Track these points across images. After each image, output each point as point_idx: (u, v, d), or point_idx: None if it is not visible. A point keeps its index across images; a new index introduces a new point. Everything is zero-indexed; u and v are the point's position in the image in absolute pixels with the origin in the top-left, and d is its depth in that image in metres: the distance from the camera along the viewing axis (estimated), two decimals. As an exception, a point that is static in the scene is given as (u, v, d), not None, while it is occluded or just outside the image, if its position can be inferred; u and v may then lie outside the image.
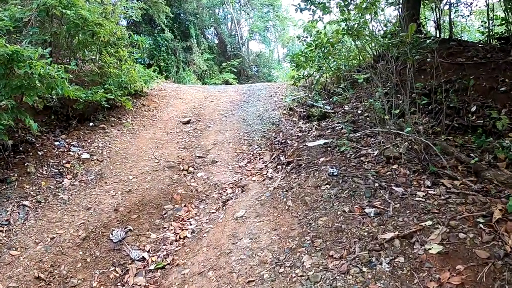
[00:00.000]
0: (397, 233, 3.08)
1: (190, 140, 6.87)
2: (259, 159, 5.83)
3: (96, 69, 7.72)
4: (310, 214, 3.68)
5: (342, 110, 7.50)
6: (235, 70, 19.74)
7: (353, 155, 4.78)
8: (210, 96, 10.54)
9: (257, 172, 5.36)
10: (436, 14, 8.46)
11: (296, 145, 5.71)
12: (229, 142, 6.49)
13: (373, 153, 4.69)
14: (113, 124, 7.44)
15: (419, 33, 6.99)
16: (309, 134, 6.23)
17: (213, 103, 9.64)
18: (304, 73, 9.89)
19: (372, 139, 5.52)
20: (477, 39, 8.94)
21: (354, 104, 7.64)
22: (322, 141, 5.46)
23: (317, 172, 4.35)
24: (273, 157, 5.71)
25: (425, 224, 3.11)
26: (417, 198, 3.53)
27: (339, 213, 3.57)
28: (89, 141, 6.63)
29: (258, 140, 6.45)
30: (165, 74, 15.02)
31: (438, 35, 8.46)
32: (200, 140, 6.81)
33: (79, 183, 5.47)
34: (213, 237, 3.93)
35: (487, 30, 7.52)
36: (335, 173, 4.17)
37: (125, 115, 7.99)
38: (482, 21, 8.76)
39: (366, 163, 4.48)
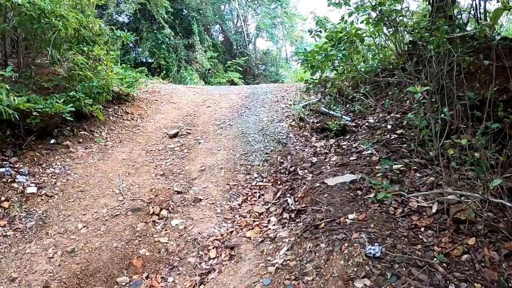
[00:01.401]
0: None
1: (172, 162, 5.14)
2: (259, 197, 4.08)
3: (63, 72, 6.03)
4: None
5: (366, 123, 5.68)
6: (241, 69, 17.90)
7: (399, 210, 2.99)
8: (209, 100, 8.78)
9: (254, 221, 3.61)
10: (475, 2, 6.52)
11: (310, 179, 3.93)
12: (221, 168, 4.73)
13: (431, 209, 2.89)
14: (81, 140, 5.74)
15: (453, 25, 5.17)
16: (327, 160, 4.45)
17: (210, 108, 7.89)
18: (320, 75, 8.06)
19: (418, 174, 3.73)
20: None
21: (381, 115, 5.81)
22: (347, 178, 3.67)
23: (346, 245, 2.58)
24: (277, 195, 3.95)
25: None
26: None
27: None
28: (44, 165, 4.95)
29: (258, 165, 4.68)
30: (162, 74, 13.29)
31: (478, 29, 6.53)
32: (185, 163, 5.06)
33: (13, 233, 3.79)
34: None
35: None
36: (376, 254, 2.39)
37: (100, 127, 6.28)
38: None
39: (422, 229, 2.69)
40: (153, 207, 3.99)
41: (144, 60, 16.09)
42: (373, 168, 3.95)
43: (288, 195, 3.83)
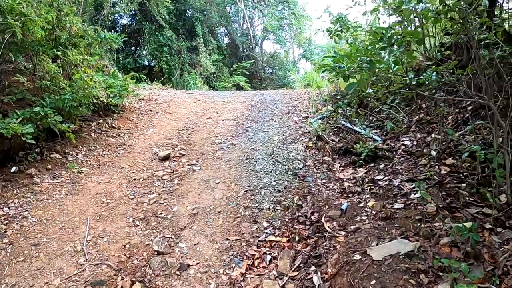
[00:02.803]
0: None
1: (158, 199, 3.88)
2: (270, 262, 2.81)
3: (28, 82, 4.80)
4: None
5: (403, 147, 4.37)
6: (247, 73, 16.60)
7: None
8: (210, 109, 7.54)
9: (264, 311, 2.34)
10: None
11: (342, 241, 2.65)
12: (219, 212, 3.46)
13: None
14: (50, 166, 4.52)
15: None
16: (362, 206, 3.16)
17: (211, 121, 6.63)
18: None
19: (495, 237, 2.44)
20: None
21: (419, 136, 4.50)
22: (399, 246, 2.38)
23: None
24: (296, 263, 2.68)
25: None
26: None
27: None
28: (-6, 203, 3.74)
29: (268, 209, 3.40)
30: (163, 78, 12.07)
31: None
32: (174, 201, 3.80)
33: None
34: None
35: None
36: None
37: (77, 148, 5.05)
38: None
39: None
40: (122, 279, 2.73)
41: (146, 64, 14.89)
42: (432, 226, 2.66)
43: (313, 267, 2.55)
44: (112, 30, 14.37)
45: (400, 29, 2.75)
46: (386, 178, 3.65)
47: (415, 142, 4.49)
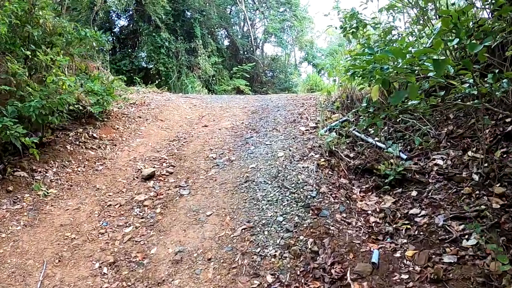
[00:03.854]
0: None
1: (134, 235, 3.03)
2: None
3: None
4: None
5: (436, 167, 3.53)
6: (248, 76, 15.74)
7: None
8: (207, 116, 6.71)
9: None
10: None
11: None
12: (209, 258, 2.60)
13: None
14: (11, 188, 3.69)
15: None
16: (398, 256, 2.32)
17: (206, 129, 5.80)
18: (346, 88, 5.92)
19: None
20: None
21: (453, 155, 3.67)
22: None
23: None
24: None
25: None
26: None
27: None
28: None
29: (274, 257, 2.55)
30: (159, 81, 11.23)
31: None
32: (153, 239, 2.95)
33: None
34: None
35: None
36: None
37: (47, 163, 4.22)
38: None
39: None
40: None
41: (143, 66, 14.02)
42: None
43: None
44: (110, 31, 13.62)
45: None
46: (423, 212, 2.81)
47: (449, 162, 3.65)
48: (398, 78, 1.93)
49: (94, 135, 5.12)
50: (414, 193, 3.19)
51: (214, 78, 14.52)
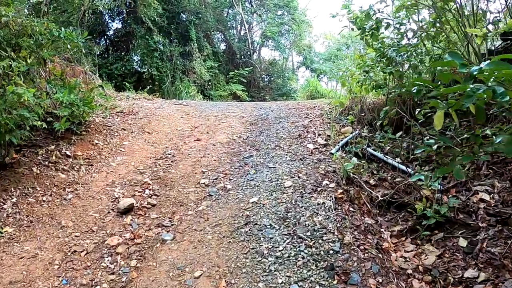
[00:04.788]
0: None
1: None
2: None
3: None
4: None
5: (482, 204, 2.79)
6: (245, 81, 14.97)
7: None
8: (200, 127, 5.94)
9: None
10: None
11: None
12: None
13: None
14: None
15: None
16: None
17: (199, 144, 5.02)
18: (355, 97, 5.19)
19: None
20: None
21: (500, 186, 2.93)
22: None
23: None
24: None
25: None
26: None
27: None
28: None
29: None
30: (152, 86, 10.43)
31: None
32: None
33: None
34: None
35: None
36: None
37: (6, 191, 3.40)
38: None
39: None
40: None
41: (137, 70, 13.17)
42: None
43: None
44: (103, 34, 12.80)
45: None
46: (483, 276, 2.05)
47: (497, 197, 2.91)
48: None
49: (68, 153, 4.31)
50: (463, 243, 2.43)
51: (210, 83, 13.74)
